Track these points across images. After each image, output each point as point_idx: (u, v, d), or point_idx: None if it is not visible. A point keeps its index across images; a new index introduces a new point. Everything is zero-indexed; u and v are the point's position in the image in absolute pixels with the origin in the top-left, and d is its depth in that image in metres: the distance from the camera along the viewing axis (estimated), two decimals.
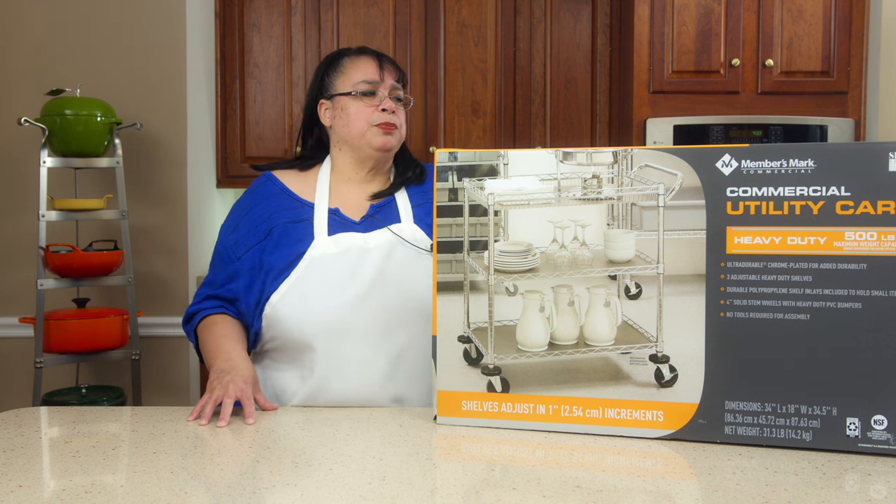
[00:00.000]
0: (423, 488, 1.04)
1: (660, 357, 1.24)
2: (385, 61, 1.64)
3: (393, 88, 1.62)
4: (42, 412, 1.44)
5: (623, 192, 1.27)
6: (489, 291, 1.31)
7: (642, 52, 2.95)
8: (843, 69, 2.94)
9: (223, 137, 3.23)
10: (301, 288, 1.50)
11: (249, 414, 1.32)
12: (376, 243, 1.53)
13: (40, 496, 1.00)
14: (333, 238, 1.52)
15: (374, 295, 1.50)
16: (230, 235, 1.60)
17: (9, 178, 2.86)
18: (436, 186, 1.34)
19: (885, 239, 1.15)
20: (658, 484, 1.05)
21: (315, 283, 1.50)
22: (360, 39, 3.21)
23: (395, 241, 1.53)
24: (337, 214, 1.57)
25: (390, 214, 1.59)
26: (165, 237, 2.90)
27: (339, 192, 1.62)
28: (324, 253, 1.51)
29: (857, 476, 1.08)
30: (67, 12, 2.87)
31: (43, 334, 2.54)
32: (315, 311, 1.49)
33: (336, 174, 1.64)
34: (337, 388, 1.48)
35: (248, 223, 1.59)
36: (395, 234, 1.54)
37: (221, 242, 1.62)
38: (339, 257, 1.51)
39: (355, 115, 1.59)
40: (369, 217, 1.58)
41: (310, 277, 1.50)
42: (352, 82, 1.60)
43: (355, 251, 1.51)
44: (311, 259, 1.51)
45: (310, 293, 1.49)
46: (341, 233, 1.54)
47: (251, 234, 1.57)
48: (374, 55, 1.64)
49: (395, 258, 1.52)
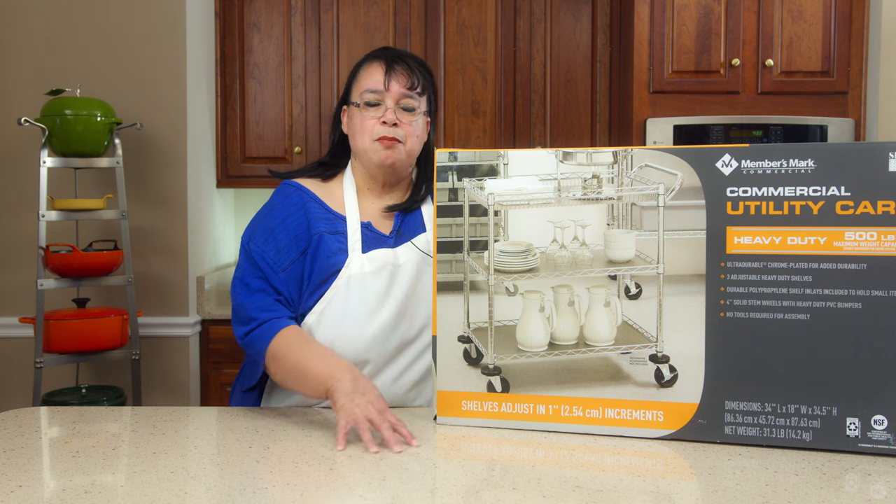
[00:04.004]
0: (423, 488, 1.04)
1: (660, 357, 1.24)
2: (396, 67, 1.52)
3: (402, 97, 1.51)
4: (42, 412, 1.44)
5: (623, 192, 1.27)
6: (489, 291, 1.31)
7: (642, 52, 2.95)
8: (843, 69, 2.94)
9: (223, 137, 3.23)
10: (336, 310, 1.46)
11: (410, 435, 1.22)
12: (406, 258, 1.49)
13: (40, 496, 1.00)
14: (367, 256, 1.48)
15: (407, 315, 1.48)
16: (267, 244, 1.49)
17: (9, 178, 2.86)
18: (436, 186, 1.34)
19: (885, 239, 1.15)
20: (658, 484, 1.05)
21: (351, 306, 1.46)
22: (360, 39, 3.21)
23: (421, 256, 1.50)
24: (369, 229, 1.52)
25: (415, 224, 1.56)
26: (165, 237, 2.90)
27: (362, 203, 1.56)
28: (359, 272, 1.47)
29: (857, 476, 1.08)
30: (67, 12, 2.87)
31: (43, 334, 2.54)
32: (350, 337, 1.45)
33: (357, 184, 1.58)
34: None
35: (286, 232, 1.50)
36: (420, 250, 1.50)
37: (259, 253, 1.49)
38: (373, 276, 1.47)
39: (360, 128, 1.52)
40: (398, 230, 1.54)
41: (345, 299, 1.46)
42: (359, 91, 1.53)
43: (388, 268, 1.48)
44: (346, 278, 1.46)
45: (346, 316, 1.46)
46: (374, 249, 1.49)
47: (293, 243, 1.49)
48: (384, 61, 1.53)
49: (424, 274, 1.50)
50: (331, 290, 1.46)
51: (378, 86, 1.51)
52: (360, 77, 1.55)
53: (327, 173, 1.59)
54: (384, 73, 1.51)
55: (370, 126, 1.50)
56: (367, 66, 1.54)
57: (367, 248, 1.49)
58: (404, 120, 1.51)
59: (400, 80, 1.51)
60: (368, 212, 1.55)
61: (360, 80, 1.54)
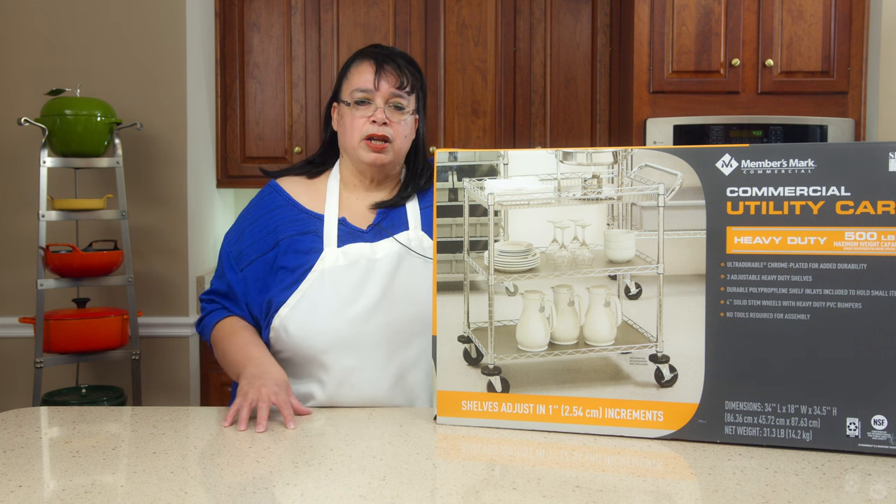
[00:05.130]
0: (423, 488, 1.04)
1: (660, 357, 1.24)
2: (386, 66, 1.54)
3: (392, 96, 1.53)
4: (42, 412, 1.44)
5: (623, 192, 1.27)
6: (489, 291, 1.31)
7: (642, 52, 2.95)
8: (843, 69, 2.94)
9: (223, 137, 3.23)
10: (310, 302, 1.48)
11: (290, 417, 1.29)
12: (384, 253, 1.50)
13: (40, 496, 1.00)
14: (342, 249, 1.50)
15: (383, 307, 1.48)
16: (234, 245, 1.58)
17: (9, 178, 2.86)
18: (436, 186, 1.34)
19: (885, 239, 1.15)
20: (658, 484, 1.05)
21: (324, 297, 1.48)
22: (360, 39, 3.21)
23: (403, 251, 1.51)
24: (344, 224, 1.55)
25: (398, 221, 1.57)
26: (165, 237, 2.90)
27: (345, 199, 1.59)
28: (333, 265, 1.49)
29: (857, 476, 1.08)
30: (67, 12, 2.87)
31: (43, 334, 2.54)
32: (324, 326, 1.47)
33: (342, 181, 1.61)
34: (346, 399, 1.48)
35: (251, 234, 1.56)
36: (402, 245, 1.52)
37: (225, 251, 1.60)
38: (347, 269, 1.49)
39: (349, 126, 1.55)
40: (376, 225, 1.55)
41: (318, 291, 1.48)
42: (349, 89, 1.56)
43: (363, 262, 1.49)
44: (320, 272, 1.49)
45: (319, 308, 1.48)
46: (349, 244, 1.51)
47: (255, 245, 1.55)
48: (373, 59, 1.55)
49: (403, 268, 1.51)
50: (305, 283, 1.49)
51: (368, 85, 1.54)
52: (350, 75, 1.58)
53: (314, 171, 1.64)
54: (374, 73, 1.54)
55: (360, 125, 1.54)
56: (358, 65, 1.57)
57: (343, 243, 1.52)
58: (394, 119, 1.54)
59: (389, 79, 1.54)
60: (352, 207, 1.58)
61: (351, 78, 1.57)
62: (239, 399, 1.32)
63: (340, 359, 1.47)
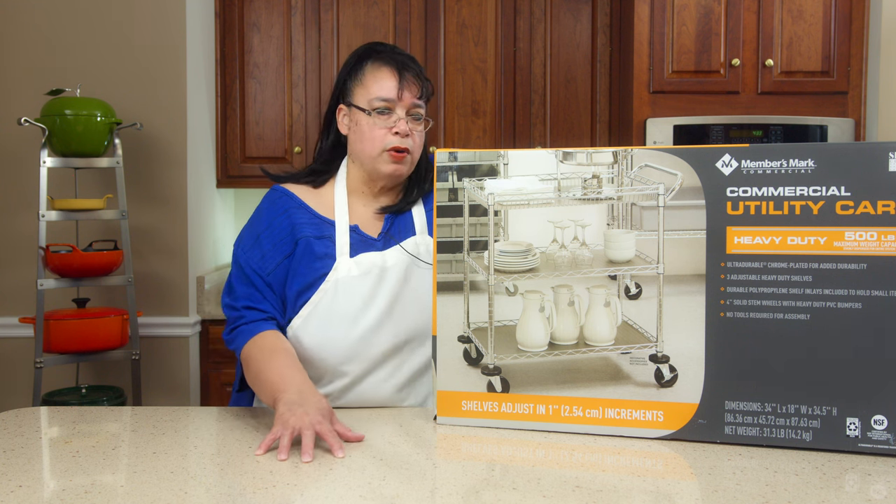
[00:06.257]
0: (423, 488, 1.04)
1: (660, 357, 1.24)
2: (407, 75, 1.50)
3: (412, 107, 1.50)
4: (42, 412, 1.44)
5: (623, 192, 1.27)
6: (489, 291, 1.31)
7: (642, 52, 2.95)
8: (843, 69, 2.94)
9: (223, 137, 3.23)
10: (322, 314, 1.47)
11: (337, 446, 1.18)
12: (394, 261, 1.49)
13: (40, 496, 1.00)
14: (355, 260, 1.48)
15: (394, 316, 1.48)
16: (252, 251, 1.51)
17: (9, 178, 2.86)
18: (436, 186, 1.34)
19: (885, 239, 1.15)
20: (658, 484, 1.05)
21: (337, 309, 1.46)
22: (360, 39, 3.20)
23: (410, 258, 1.50)
24: (357, 232, 1.52)
25: (405, 227, 1.55)
26: (165, 237, 2.90)
27: (352, 205, 1.55)
28: (346, 275, 1.47)
29: (857, 476, 1.08)
30: (67, 12, 2.87)
31: (43, 334, 2.54)
32: (336, 339, 1.46)
33: (349, 186, 1.57)
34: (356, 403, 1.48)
35: (270, 238, 1.51)
36: (408, 253, 1.50)
37: (243, 257, 1.51)
38: (360, 280, 1.47)
39: (368, 135, 1.49)
40: (386, 233, 1.54)
41: (331, 302, 1.47)
42: (368, 97, 1.49)
43: (375, 271, 1.48)
44: (334, 282, 1.47)
45: (332, 320, 1.46)
46: (362, 253, 1.49)
47: (277, 248, 1.50)
48: (395, 67, 1.50)
49: (413, 275, 1.50)
50: (318, 294, 1.47)
51: (391, 94, 1.48)
52: (366, 81, 1.51)
53: (318, 180, 1.58)
54: (397, 82, 1.49)
55: (380, 135, 1.49)
56: (375, 70, 1.51)
57: (356, 252, 1.49)
58: (414, 129, 1.51)
59: (412, 89, 1.50)
60: (359, 214, 1.55)
61: (368, 84, 1.51)
62: (278, 427, 1.21)
63: (353, 367, 1.47)
